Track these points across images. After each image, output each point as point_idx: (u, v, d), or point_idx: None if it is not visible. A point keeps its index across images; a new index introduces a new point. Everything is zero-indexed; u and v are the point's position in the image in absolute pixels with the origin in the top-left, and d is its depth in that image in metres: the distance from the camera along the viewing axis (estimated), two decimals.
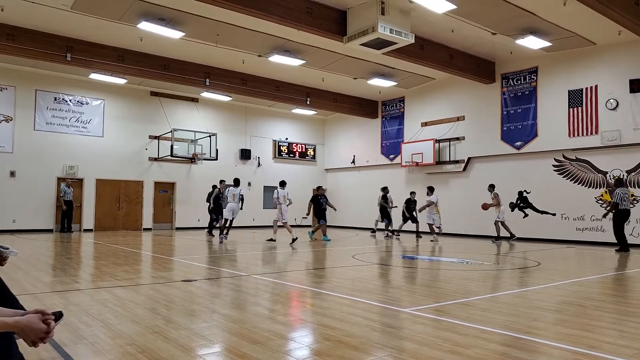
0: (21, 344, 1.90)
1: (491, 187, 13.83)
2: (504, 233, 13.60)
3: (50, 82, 16.06)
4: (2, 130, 15.19)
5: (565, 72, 13.91)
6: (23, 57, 13.03)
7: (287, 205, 13.17)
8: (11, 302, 2.46)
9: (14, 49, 12.35)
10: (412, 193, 15.56)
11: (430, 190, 14.64)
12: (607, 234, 12.93)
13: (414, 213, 15.14)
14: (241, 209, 14.12)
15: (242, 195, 13.80)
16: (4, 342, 1.91)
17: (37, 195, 15.63)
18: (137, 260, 8.84)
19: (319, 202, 13.99)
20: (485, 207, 13.81)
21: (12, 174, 15.26)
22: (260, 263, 8.80)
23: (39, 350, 2.99)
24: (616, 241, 11.15)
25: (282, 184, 13.55)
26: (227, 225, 13.42)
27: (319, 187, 14.49)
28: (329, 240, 13.52)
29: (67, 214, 15.62)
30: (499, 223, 13.55)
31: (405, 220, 15.32)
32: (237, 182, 13.69)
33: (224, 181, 15.06)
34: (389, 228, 15.44)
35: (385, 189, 15.70)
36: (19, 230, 15.04)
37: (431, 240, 13.77)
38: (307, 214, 14.49)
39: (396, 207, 15.78)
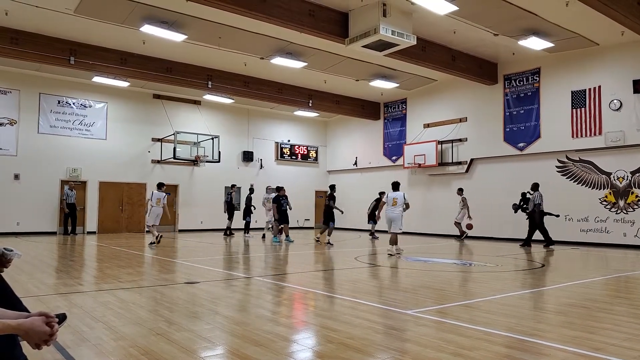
0: (25, 347, 1.90)
1: (460, 191, 15.15)
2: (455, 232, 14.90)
3: (54, 86, 16.13)
4: (6, 134, 15.26)
5: (568, 73, 13.87)
6: (27, 60, 13.09)
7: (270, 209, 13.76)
8: (15, 304, 2.46)
9: (18, 53, 12.41)
10: (382, 193, 15.44)
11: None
12: (611, 235, 12.89)
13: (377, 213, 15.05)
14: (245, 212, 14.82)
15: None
16: (8, 344, 1.92)
17: (40, 197, 15.68)
18: (140, 262, 8.86)
19: (280, 203, 13.74)
20: (470, 227, 14.76)
21: (16, 176, 15.32)
22: (262, 265, 8.79)
23: (43, 353, 3.00)
24: (544, 238, 12.48)
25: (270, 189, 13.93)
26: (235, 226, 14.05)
27: (279, 188, 14.13)
28: (292, 241, 13.42)
29: (70, 217, 15.66)
30: (458, 224, 15.06)
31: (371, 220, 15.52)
32: (160, 186, 12.93)
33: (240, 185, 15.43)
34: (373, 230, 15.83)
35: (382, 194, 15.42)
36: (22, 233, 15.09)
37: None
38: (274, 216, 13.97)
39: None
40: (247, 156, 20.31)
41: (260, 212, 16.93)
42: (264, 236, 14.86)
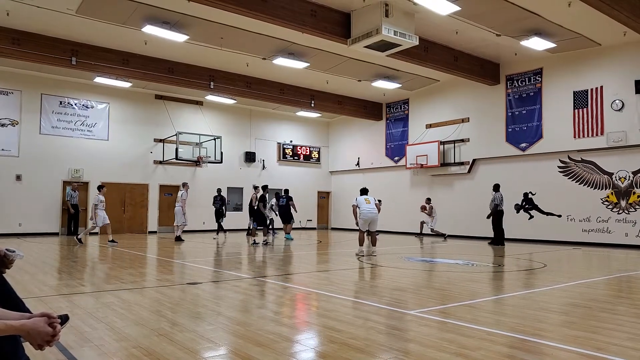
0: (27, 347, 1.90)
1: (428, 200, 16.51)
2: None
3: (56, 86, 16.17)
4: (8, 134, 15.31)
5: (570, 73, 13.85)
6: (28, 61, 13.12)
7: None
8: (17, 305, 2.47)
9: (19, 54, 12.45)
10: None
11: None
12: (614, 235, 12.86)
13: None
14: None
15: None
16: (11, 345, 1.92)
17: (43, 198, 15.72)
18: (142, 263, 8.87)
19: (264, 203, 14.04)
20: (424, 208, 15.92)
21: (18, 177, 15.36)
22: (264, 265, 8.80)
23: (45, 354, 3.01)
24: (493, 236, 13.25)
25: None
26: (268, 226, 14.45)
27: (264, 187, 14.40)
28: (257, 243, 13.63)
29: (73, 218, 15.70)
30: (430, 227, 16.15)
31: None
32: (99, 188, 13.00)
33: (258, 187, 15.89)
34: None
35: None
36: (25, 234, 15.12)
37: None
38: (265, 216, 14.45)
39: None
40: (250, 157, 20.33)
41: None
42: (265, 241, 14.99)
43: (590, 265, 9.06)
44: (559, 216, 13.98)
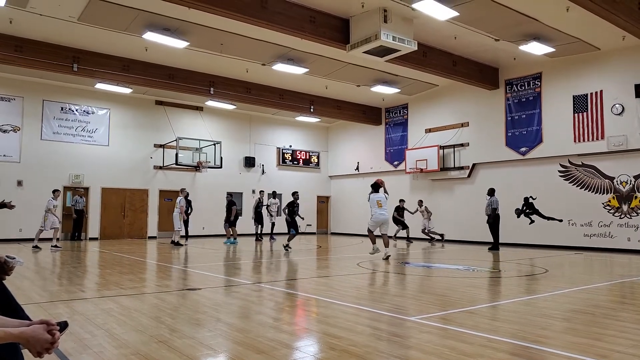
0: (26, 355, 1.89)
1: (420, 202, 16.45)
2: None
3: (57, 92, 16.22)
4: (10, 140, 15.34)
5: (570, 78, 13.87)
6: (31, 68, 13.18)
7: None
8: (17, 312, 2.46)
9: (21, 61, 12.51)
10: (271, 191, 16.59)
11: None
12: (616, 240, 12.82)
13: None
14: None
15: None
16: (9, 352, 1.91)
17: (43, 204, 15.65)
18: (142, 268, 8.85)
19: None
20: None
21: (20, 183, 15.37)
22: (264, 271, 8.77)
23: None
24: (493, 241, 13.26)
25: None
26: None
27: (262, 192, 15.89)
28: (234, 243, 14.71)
29: (77, 223, 15.72)
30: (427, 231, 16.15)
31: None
32: (54, 192, 13.16)
33: (263, 191, 17.10)
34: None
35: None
36: (25, 239, 15.10)
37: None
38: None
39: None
40: (249, 162, 20.34)
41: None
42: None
43: (593, 271, 9.02)
44: (560, 221, 13.94)
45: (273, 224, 17.04)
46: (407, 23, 10.96)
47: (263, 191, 17.36)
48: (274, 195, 17.19)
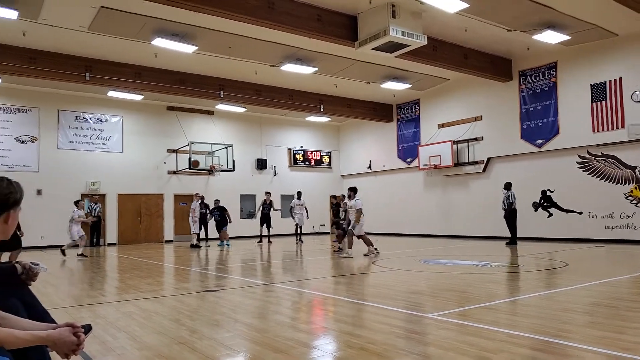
0: (54, 356, 1.95)
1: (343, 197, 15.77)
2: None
3: (71, 102, 16.50)
4: (29, 150, 15.66)
5: (587, 66, 13.57)
6: (45, 79, 13.42)
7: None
8: (43, 316, 2.51)
9: (36, 72, 12.74)
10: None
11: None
12: (639, 231, 12.51)
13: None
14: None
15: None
16: (38, 354, 1.98)
17: (63, 212, 15.92)
18: (159, 272, 8.95)
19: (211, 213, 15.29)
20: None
21: (39, 192, 15.67)
22: (280, 272, 8.80)
23: None
24: (510, 235, 13.02)
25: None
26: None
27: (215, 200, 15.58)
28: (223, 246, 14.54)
29: (94, 229, 15.98)
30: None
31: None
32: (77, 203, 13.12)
33: (269, 192, 16.77)
34: None
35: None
36: (47, 247, 15.40)
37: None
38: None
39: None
40: (261, 164, 20.43)
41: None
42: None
43: (615, 263, 8.84)
44: (580, 213, 13.68)
45: (297, 226, 16.07)
46: (416, 17, 10.88)
47: (269, 192, 16.91)
48: (298, 196, 16.28)
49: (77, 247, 12.28)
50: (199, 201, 15.14)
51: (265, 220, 15.97)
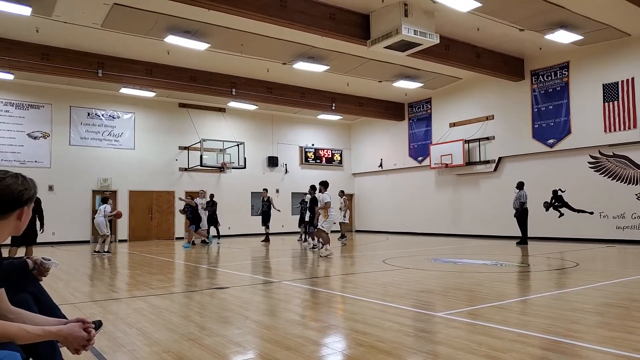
0: (64, 352, 1.97)
1: (341, 192, 16.49)
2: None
3: (83, 98, 16.69)
4: (41, 146, 15.88)
5: (599, 66, 13.42)
6: (58, 75, 13.61)
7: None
8: (54, 311, 2.55)
9: (49, 68, 12.92)
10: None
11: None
12: None
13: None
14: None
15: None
16: (49, 349, 2.00)
17: (74, 208, 16.21)
18: (170, 269, 9.04)
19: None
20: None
21: (51, 188, 15.89)
22: (290, 269, 8.83)
23: (81, 358, 3.09)
24: (521, 235, 12.89)
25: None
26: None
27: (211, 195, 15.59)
28: (189, 247, 13.75)
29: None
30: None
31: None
32: (105, 200, 12.56)
33: (266, 189, 16.24)
34: None
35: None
36: (58, 242, 15.62)
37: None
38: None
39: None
40: (272, 161, 20.48)
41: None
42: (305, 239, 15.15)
43: (626, 264, 8.73)
44: (591, 213, 13.53)
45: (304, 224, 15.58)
46: (428, 16, 10.82)
47: (266, 189, 16.28)
48: (312, 190, 14.93)
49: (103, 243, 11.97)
50: (205, 199, 15.17)
51: (264, 218, 15.51)
